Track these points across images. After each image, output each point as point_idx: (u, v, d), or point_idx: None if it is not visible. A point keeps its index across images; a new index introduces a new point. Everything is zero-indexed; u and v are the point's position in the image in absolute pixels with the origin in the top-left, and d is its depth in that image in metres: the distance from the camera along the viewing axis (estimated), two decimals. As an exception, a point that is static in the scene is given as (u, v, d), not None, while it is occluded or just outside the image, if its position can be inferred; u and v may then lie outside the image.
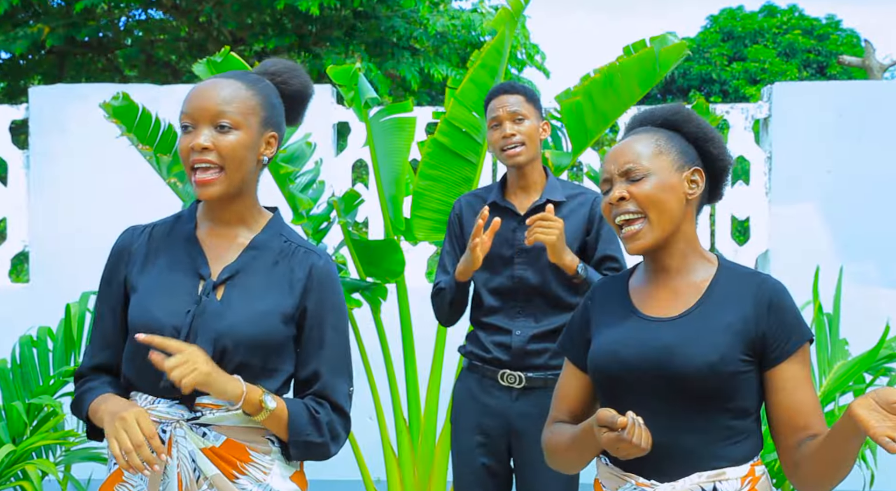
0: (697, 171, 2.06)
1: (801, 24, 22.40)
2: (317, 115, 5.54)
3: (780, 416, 1.98)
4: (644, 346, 1.99)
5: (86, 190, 5.98)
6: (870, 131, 5.76)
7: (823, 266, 4.62)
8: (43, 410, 4.09)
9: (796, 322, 1.98)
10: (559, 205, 3.24)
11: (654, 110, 2.15)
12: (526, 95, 3.27)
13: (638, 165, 2.03)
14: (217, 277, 2.04)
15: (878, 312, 5.15)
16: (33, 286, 6.05)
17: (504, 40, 3.99)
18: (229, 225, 2.09)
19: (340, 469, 3.82)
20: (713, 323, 1.98)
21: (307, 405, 2.06)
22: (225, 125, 2.00)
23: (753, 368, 1.97)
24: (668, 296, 2.05)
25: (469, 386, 3.31)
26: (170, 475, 1.98)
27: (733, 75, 21.10)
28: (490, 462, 3.25)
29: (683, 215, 2.05)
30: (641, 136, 2.08)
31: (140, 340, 1.92)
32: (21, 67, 14.36)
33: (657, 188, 2.01)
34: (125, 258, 2.11)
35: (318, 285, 2.07)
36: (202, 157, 1.99)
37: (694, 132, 2.09)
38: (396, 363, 4.46)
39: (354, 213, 4.24)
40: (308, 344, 2.07)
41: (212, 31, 13.64)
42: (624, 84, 3.96)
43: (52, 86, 6.53)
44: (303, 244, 2.12)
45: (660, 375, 1.95)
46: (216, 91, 2.02)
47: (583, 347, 2.14)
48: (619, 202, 2.03)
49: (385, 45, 12.58)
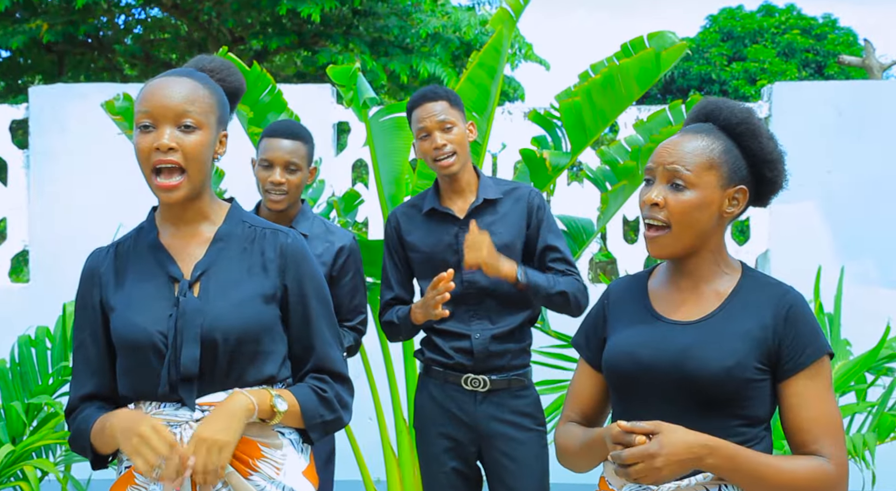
0: (742, 191, 2.00)
1: (800, 24, 22.40)
2: (316, 115, 5.54)
3: (787, 431, 1.96)
4: (661, 348, 1.97)
5: (86, 189, 5.98)
6: (869, 131, 5.76)
7: (823, 266, 4.62)
8: (42, 411, 4.08)
9: (814, 336, 1.95)
10: (496, 202, 3.22)
11: (723, 108, 2.04)
12: (450, 100, 3.21)
13: (684, 173, 1.96)
14: (191, 276, 2.03)
15: (879, 311, 5.14)
16: (33, 286, 6.05)
17: (502, 40, 3.98)
18: (191, 223, 2.08)
19: (340, 469, 3.81)
20: (731, 328, 1.95)
21: (312, 387, 2.08)
22: (189, 125, 1.98)
23: (768, 378, 1.95)
24: (689, 301, 2.02)
25: (431, 392, 3.28)
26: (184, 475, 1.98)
27: (733, 75, 21.10)
28: (459, 466, 3.24)
29: (714, 230, 2.00)
30: (700, 138, 1.99)
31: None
32: (20, 65, 14.36)
33: (694, 205, 1.96)
34: (96, 281, 2.09)
35: (293, 262, 2.08)
36: (167, 158, 1.96)
37: (754, 151, 2.01)
38: (396, 363, 4.46)
39: (354, 212, 4.24)
40: (295, 320, 2.09)
41: (211, 30, 13.64)
42: (623, 84, 3.96)
43: (51, 85, 6.53)
44: (267, 226, 2.12)
45: (675, 377, 1.94)
46: (177, 89, 1.98)
47: (597, 346, 2.12)
48: (652, 206, 1.99)
49: (381, 44, 12.59)
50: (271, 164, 3.22)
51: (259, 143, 3.31)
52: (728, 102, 2.05)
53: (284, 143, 3.24)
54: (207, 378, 1.99)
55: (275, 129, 3.29)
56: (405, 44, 12.61)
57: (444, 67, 12.03)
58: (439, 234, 3.23)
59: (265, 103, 4.06)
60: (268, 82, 4.06)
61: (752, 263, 5.93)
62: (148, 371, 1.99)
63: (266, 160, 3.23)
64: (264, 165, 3.23)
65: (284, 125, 3.31)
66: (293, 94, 4.82)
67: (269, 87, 4.06)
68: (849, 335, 4.37)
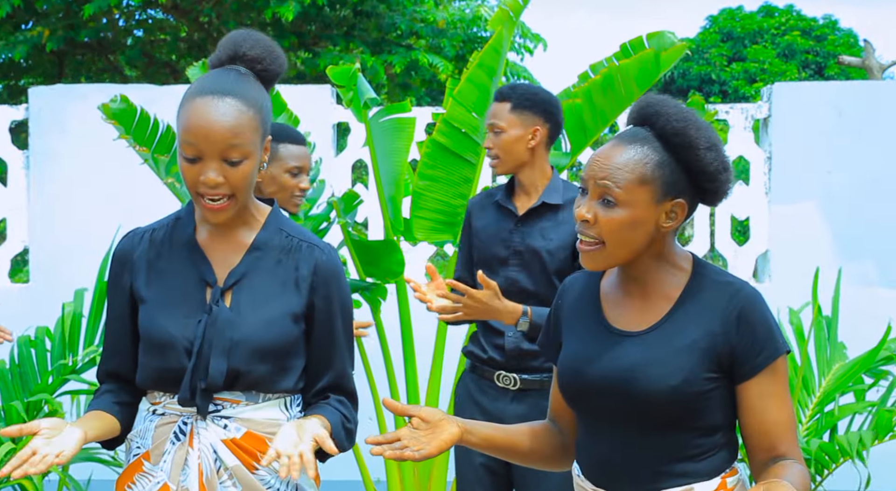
0: (679, 205, 1.89)
1: (800, 25, 22.42)
2: (316, 116, 5.54)
3: (747, 434, 1.92)
4: (608, 366, 1.92)
5: (85, 190, 5.97)
6: (869, 131, 5.76)
7: (823, 266, 4.62)
8: (42, 410, 4.08)
9: (768, 336, 1.88)
10: (557, 208, 3.23)
11: (661, 114, 1.89)
12: (513, 102, 3.19)
13: (614, 191, 1.86)
14: (224, 283, 2.03)
15: (879, 312, 5.14)
16: (33, 286, 6.05)
17: (502, 40, 3.99)
18: (230, 227, 2.06)
19: (340, 469, 3.81)
20: (677, 341, 1.89)
21: (342, 419, 2.10)
22: (236, 160, 1.94)
23: (722, 384, 1.89)
24: (638, 306, 1.96)
25: (468, 387, 3.31)
26: (190, 466, 2.00)
27: (733, 76, 21.12)
28: (488, 461, 3.25)
29: (650, 242, 1.91)
30: (633, 149, 1.87)
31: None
32: (21, 67, 14.36)
33: (625, 223, 1.86)
34: (128, 265, 2.08)
35: (324, 282, 2.07)
36: (214, 191, 1.94)
37: (691, 163, 1.87)
38: (396, 364, 4.46)
39: (354, 213, 4.24)
40: (319, 338, 2.08)
41: (212, 32, 13.64)
42: (622, 84, 3.96)
43: (51, 86, 6.53)
44: (305, 238, 2.10)
45: (622, 396, 1.89)
46: (222, 120, 1.91)
47: (556, 349, 2.09)
48: (583, 221, 1.90)
49: (384, 44, 12.58)
50: (301, 171, 3.26)
51: (279, 148, 3.29)
52: (667, 107, 1.90)
53: (305, 149, 3.30)
54: (226, 388, 2.01)
55: (296, 137, 3.31)
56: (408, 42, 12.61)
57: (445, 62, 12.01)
58: (498, 226, 3.27)
59: (264, 104, 4.06)
60: (267, 83, 4.05)
61: (751, 263, 5.93)
62: (168, 372, 2.01)
63: (298, 167, 3.26)
64: (294, 173, 3.26)
65: (295, 130, 3.35)
66: (293, 95, 4.82)
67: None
68: (848, 336, 4.37)
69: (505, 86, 3.32)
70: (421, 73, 12.67)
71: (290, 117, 4.13)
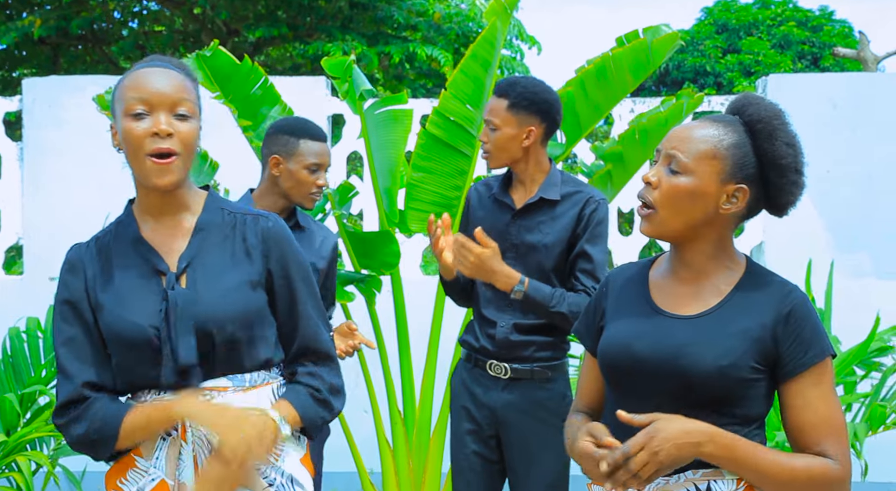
0: (742, 190, 1.95)
1: (795, 16, 22.38)
2: (311, 107, 5.53)
3: (790, 431, 1.95)
4: (657, 342, 1.95)
5: (80, 182, 5.96)
6: (864, 123, 5.77)
7: (817, 258, 4.63)
8: (36, 402, 4.08)
9: (816, 337, 1.92)
10: (553, 203, 3.21)
11: (751, 104, 1.98)
12: (510, 100, 3.16)
13: (681, 158, 1.94)
14: (177, 269, 2.05)
15: (873, 304, 5.15)
16: (27, 279, 6.04)
17: (496, 32, 3.97)
18: (172, 214, 2.09)
19: (335, 461, 3.82)
20: (730, 327, 1.93)
21: (308, 391, 2.10)
22: (184, 113, 2.01)
23: (764, 378, 1.93)
24: (689, 294, 2.00)
25: (462, 375, 3.33)
26: (185, 459, 2.00)
27: (727, 67, 21.08)
28: (481, 450, 3.26)
29: (707, 223, 1.96)
30: (713, 126, 1.96)
31: None
32: (15, 58, 14.33)
33: (686, 192, 1.94)
34: (81, 276, 2.09)
35: (276, 245, 2.10)
36: (164, 145, 1.98)
37: (766, 151, 1.95)
38: (391, 355, 4.47)
39: (349, 205, 4.24)
40: (282, 304, 2.11)
41: (206, 23, 13.61)
42: (617, 75, 3.96)
43: (45, 77, 6.50)
44: (246, 211, 2.14)
45: (669, 372, 1.93)
46: (170, 79, 2.02)
47: (596, 335, 2.12)
48: (647, 184, 1.98)
49: (380, 37, 12.56)
50: (320, 168, 3.26)
51: (299, 143, 3.27)
52: (759, 100, 1.99)
53: (325, 145, 3.29)
54: (206, 367, 2.01)
55: (316, 133, 3.29)
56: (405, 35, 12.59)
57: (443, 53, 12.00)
58: (495, 218, 3.25)
59: (257, 96, 4.06)
60: (260, 76, 4.05)
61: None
62: (144, 366, 2.01)
63: (316, 164, 3.25)
64: (312, 169, 3.25)
65: (316, 126, 3.33)
66: (287, 87, 4.81)
67: (261, 81, 4.05)
68: (842, 327, 4.38)
69: (505, 80, 3.25)
70: (418, 65, 12.66)
71: (285, 109, 4.11)
